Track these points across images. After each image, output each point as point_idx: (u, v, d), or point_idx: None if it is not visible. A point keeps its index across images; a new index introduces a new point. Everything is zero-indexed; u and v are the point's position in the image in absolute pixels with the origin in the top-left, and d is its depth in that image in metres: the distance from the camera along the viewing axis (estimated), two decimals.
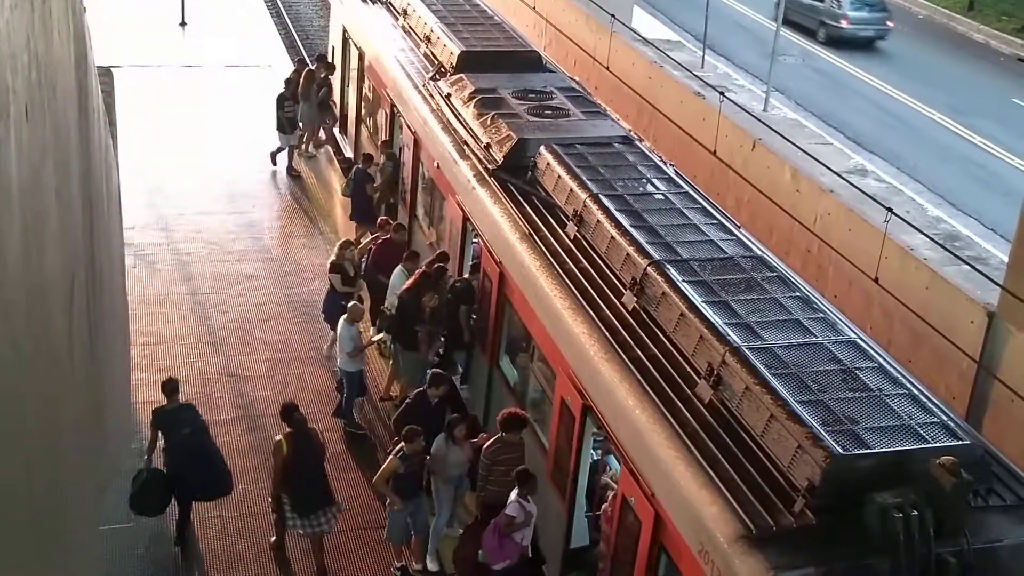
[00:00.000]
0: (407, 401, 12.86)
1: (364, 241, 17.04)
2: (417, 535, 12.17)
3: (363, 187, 18.13)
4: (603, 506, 11.02)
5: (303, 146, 22.25)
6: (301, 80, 21.43)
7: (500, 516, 11.03)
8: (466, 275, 14.59)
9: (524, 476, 11.04)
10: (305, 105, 21.40)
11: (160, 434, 12.15)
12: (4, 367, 3.57)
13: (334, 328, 14.72)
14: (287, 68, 27.29)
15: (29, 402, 4.24)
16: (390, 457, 11.73)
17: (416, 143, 16.72)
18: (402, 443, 11.64)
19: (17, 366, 3.84)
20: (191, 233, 19.33)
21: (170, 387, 12.17)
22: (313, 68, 22.10)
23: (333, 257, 15.56)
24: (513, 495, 11.07)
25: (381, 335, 15.05)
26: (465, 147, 14.82)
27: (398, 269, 14.85)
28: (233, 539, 12.52)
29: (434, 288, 13.96)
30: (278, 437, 11.84)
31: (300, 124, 21.59)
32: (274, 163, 21.89)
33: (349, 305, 14.17)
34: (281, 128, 21.39)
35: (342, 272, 15.37)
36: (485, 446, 11.79)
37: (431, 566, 12.28)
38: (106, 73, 23.44)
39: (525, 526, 11.04)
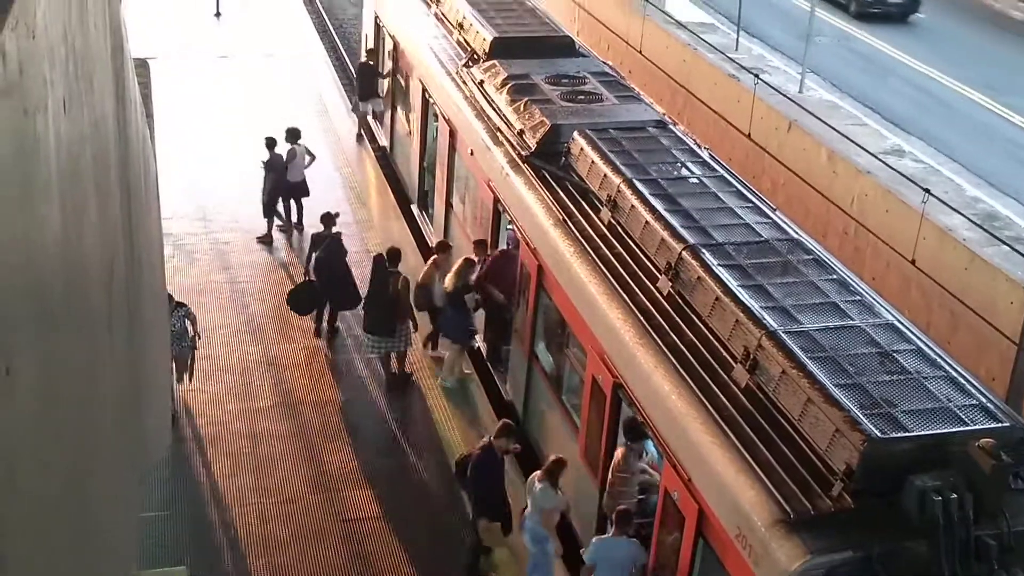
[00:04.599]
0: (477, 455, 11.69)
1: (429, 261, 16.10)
2: None
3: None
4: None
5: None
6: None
7: None
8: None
9: None
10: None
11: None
12: (43, 351, 3.62)
13: (460, 343, 15.03)
14: (321, 56, 27.49)
15: (66, 388, 4.30)
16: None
17: (450, 130, 16.75)
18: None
19: (56, 347, 3.89)
20: (229, 222, 19.46)
21: (325, 218, 15.88)
22: None
23: (459, 280, 14.64)
24: None
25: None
26: (498, 133, 14.83)
27: None
28: (274, 524, 12.65)
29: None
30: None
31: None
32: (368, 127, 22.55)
33: None
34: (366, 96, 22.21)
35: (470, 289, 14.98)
36: (618, 459, 11.06)
37: None
38: (142, 64, 23.63)
39: None
